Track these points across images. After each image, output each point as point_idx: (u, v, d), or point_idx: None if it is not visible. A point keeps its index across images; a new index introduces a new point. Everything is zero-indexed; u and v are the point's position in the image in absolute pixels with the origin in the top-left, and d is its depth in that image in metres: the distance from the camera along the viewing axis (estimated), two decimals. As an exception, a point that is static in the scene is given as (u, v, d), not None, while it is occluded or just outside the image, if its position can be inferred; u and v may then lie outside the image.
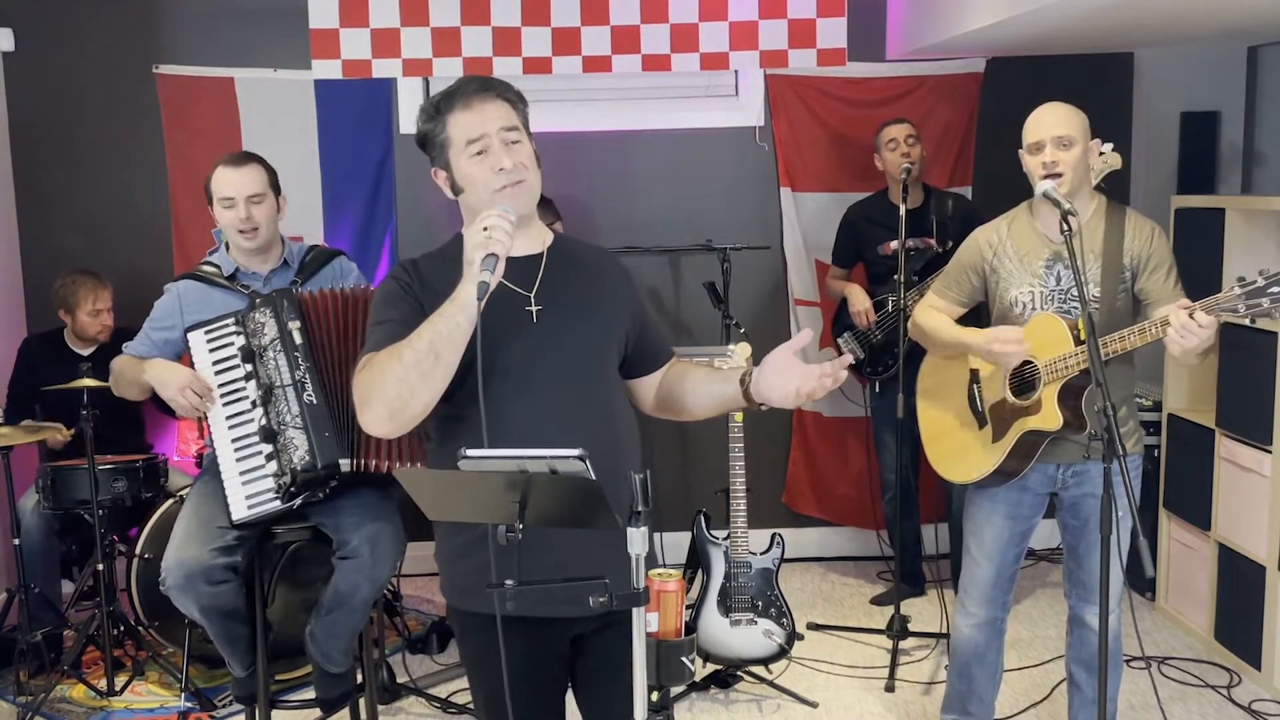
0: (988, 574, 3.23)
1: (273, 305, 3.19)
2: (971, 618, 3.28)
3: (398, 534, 3.26)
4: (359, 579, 3.20)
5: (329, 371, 3.19)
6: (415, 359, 2.04)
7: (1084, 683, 3.24)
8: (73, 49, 5.04)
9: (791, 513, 5.39)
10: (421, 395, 2.06)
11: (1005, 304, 3.12)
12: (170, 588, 3.15)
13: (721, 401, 2.29)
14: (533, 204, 2.24)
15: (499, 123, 2.18)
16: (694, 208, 5.21)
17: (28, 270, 5.11)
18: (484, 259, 2.03)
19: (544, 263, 2.27)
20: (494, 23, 4.84)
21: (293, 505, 3.19)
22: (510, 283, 2.19)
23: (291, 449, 3.13)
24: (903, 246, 4.26)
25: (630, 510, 1.91)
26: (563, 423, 2.15)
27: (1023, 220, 3.14)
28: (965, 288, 3.23)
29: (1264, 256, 4.18)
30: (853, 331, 4.73)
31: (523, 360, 2.18)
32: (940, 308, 3.27)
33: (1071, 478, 3.12)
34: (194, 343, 3.24)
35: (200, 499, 3.29)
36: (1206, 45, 5.02)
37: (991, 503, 3.20)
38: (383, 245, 5.17)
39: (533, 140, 2.27)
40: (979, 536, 3.23)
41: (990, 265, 3.15)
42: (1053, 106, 3.05)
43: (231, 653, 3.33)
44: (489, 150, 2.17)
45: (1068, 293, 3.04)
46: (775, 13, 4.92)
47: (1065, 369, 2.96)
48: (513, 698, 2.05)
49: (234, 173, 3.35)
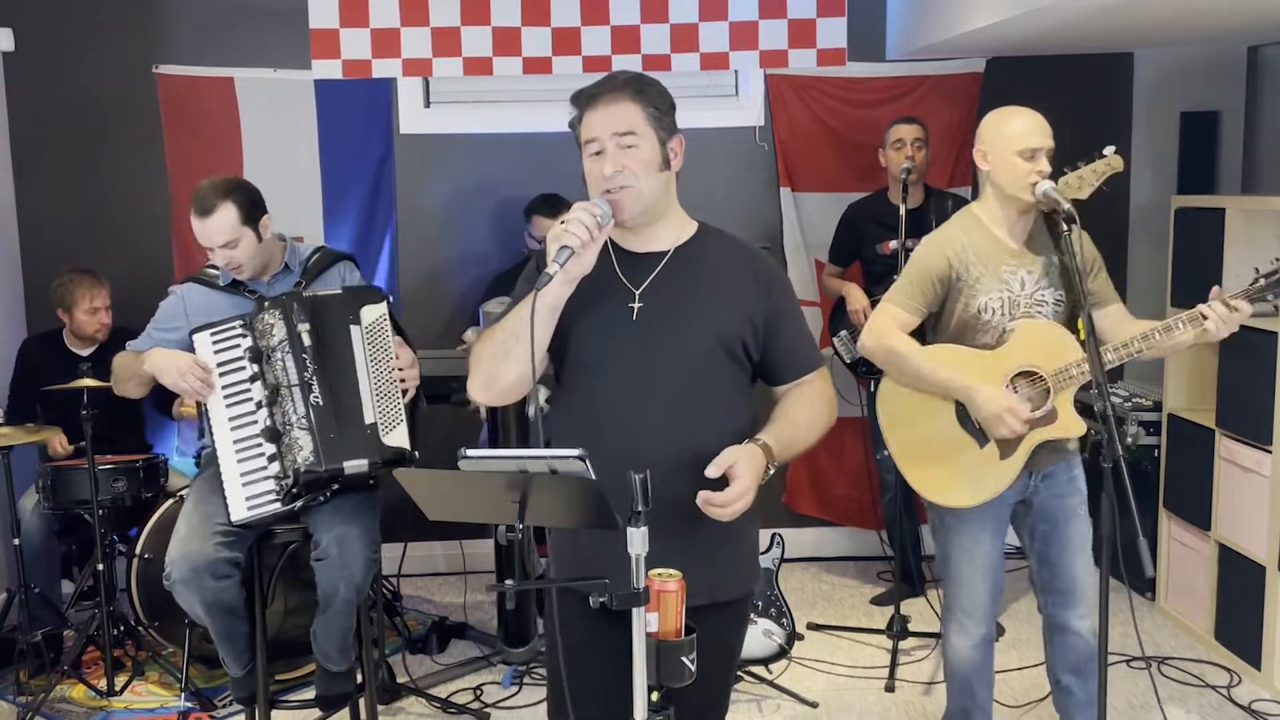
0: (984, 592, 3.16)
1: (282, 307, 3.20)
2: (971, 637, 3.21)
3: (365, 534, 3.26)
4: (334, 579, 3.22)
5: (338, 373, 3.19)
6: (502, 338, 2.18)
7: (1075, 687, 3.18)
8: (73, 49, 5.04)
9: (791, 513, 5.39)
10: (509, 372, 2.18)
11: (971, 312, 3.03)
12: (175, 582, 3.16)
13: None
14: (639, 207, 2.23)
15: (614, 127, 2.20)
16: (694, 208, 5.12)
17: (28, 270, 5.11)
18: (558, 250, 2.07)
19: (665, 260, 2.27)
20: (494, 23, 4.84)
21: (293, 508, 3.20)
22: (623, 277, 2.25)
23: (296, 449, 3.14)
24: (902, 246, 4.25)
25: (630, 510, 1.91)
26: (647, 417, 2.18)
27: (975, 227, 3.07)
28: (929, 296, 3.08)
29: (1264, 256, 4.16)
30: (849, 331, 4.72)
31: (618, 356, 2.22)
32: (902, 321, 3.08)
33: (1042, 482, 3.10)
34: (199, 344, 3.23)
35: (201, 496, 3.30)
36: (1206, 45, 5.02)
37: (980, 524, 3.11)
38: (383, 245, 5.17)
39: (672, 140, 2.26)
40: (971, 557, 3.14)
41: (956, 273, 3.04)
42: (1032, 115, 3.02)
43: (230, 651, 3.34)
44: (603, 153, 2.21)
45: (1032, 296, 3.02)
46: (775, 13, 4.92)
47: (1081, 375, 2.93)
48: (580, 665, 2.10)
49: (201, 224, 3.23)
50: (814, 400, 2.32)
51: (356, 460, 3.17)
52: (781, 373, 2.33)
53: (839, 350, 4.79)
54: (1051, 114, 3.11)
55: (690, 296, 2.24)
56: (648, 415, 2.18)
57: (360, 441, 3.19)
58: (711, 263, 2.29)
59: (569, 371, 2.28)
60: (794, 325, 2.34)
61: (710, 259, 2.30)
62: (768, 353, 2.30)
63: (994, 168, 3.02)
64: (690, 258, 2.29)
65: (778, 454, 2.18)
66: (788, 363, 2.33)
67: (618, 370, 2.21)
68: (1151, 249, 5.13)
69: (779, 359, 2.32)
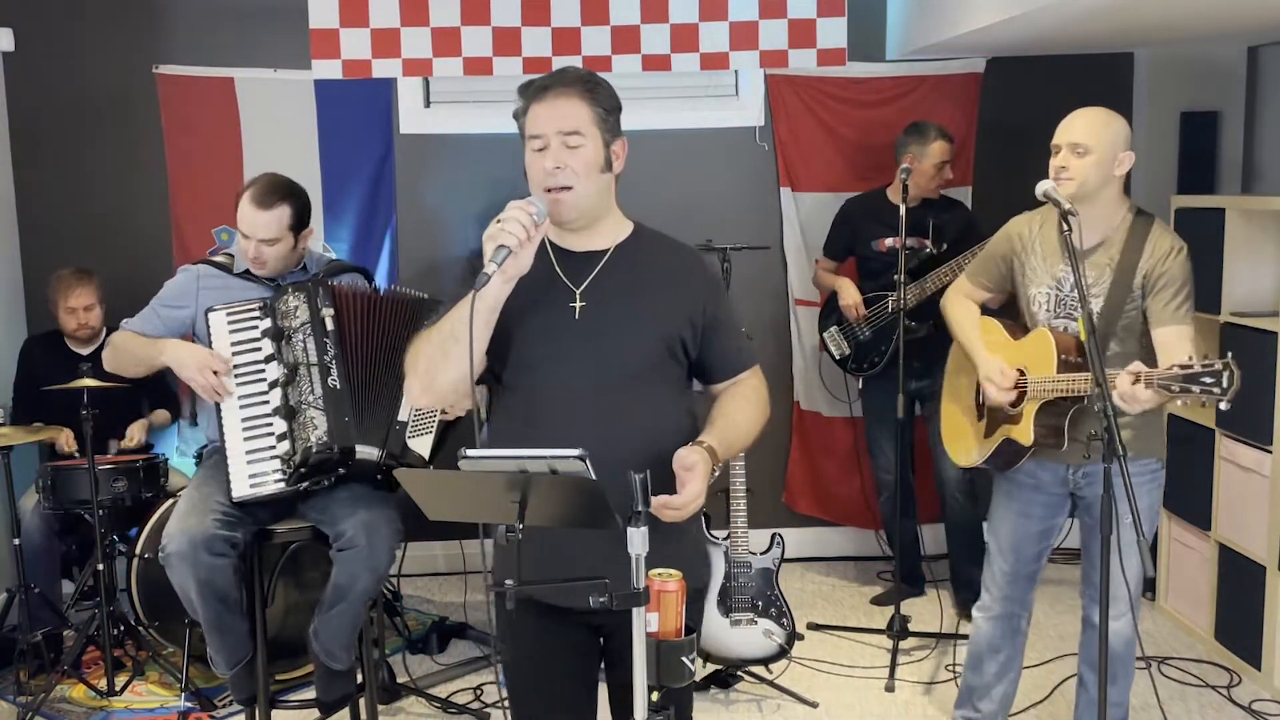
0: (1004, 569, 3.27)
1: (307, 291, 3.24)
2: (988, 610, 3.33)
3: (393, 521, 3.27)
4: (357, 569, 3.21)
5: (355, 363, 3.23)
6: (440, 339, 2.16)
7: (1091, 683, 3.22)
8: (73, 49, 5.04)
9: (791, 513, 5.39)
10: (447, 372, 2.16)
11: (1025, 297, 3.17)
12: (170, 554, 3.15)
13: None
14: (577, 210, 2.22)
15: (560, 125, 2.18)
16: (694, 208, 5.20)
17: (28, 270, 5.11)
18: (495, 250, 2.05)
19: (605, 259, 2.27)
20: (494, 23, 4.84)
21: (298, 488, 3.20)
22: (563, 276, 2.24)
23: (310, 427, 3.16)
24: (902, 246, 4.25)
25: (630, 510, 1.91)
26: (590, 418, 2.17)
27: (1052, 220, 3.12)
28: (994, 274, 3.27)
29: (1264, 256, 4.18)
30: (840, 326, 4.71)
31: (560, 354, 2.21)
32: (968, 293, 3.35)
33: (1083, 478, 3.14)
34: (214, 323, 3.25)
35: (202, 480, 3.33)
36: (1206, 45, 5.02)
37: (1006, 501, 3.25)
38: (383, 245, 5.17)
39: (615, 143, 2.25)
40: (996, 532, 3.30)
41: (1019, 258, 3.19)
42: (1086, 112, 3.05)
43: (220, 644, 3.30)
44: (546, 148, 2.20)
45: (1073, 299, 3.05)
46: (775, 13, 4.92)
47: (1046, 391, 3.00)
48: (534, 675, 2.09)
49: (254, 213, 3.29)
50: (751, 400, 2.34)
51: (369, 447, 3.18)
52: (717, 371, 2.35)
53: (829, 347, 4.77)
54: (1051, 114, 3.12)
55: (632, 295, 2.25)
56: (592, 414, 2.18)
57: (381, 433, 3.22)
58: (650, 262, 2.30)
59: (511, 372, 2.26)
60: (730, 324, 2.37)
61: (649, 258, 2.31)
62: (705, 351, 2.31)
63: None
64: (630, 257, 2.29)
65: (720, 455, 2.20)
66: (723, 361, 2.35)
67: (561, 369, 2.21)
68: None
69: (715, 357, 2.34)
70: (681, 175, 5.24)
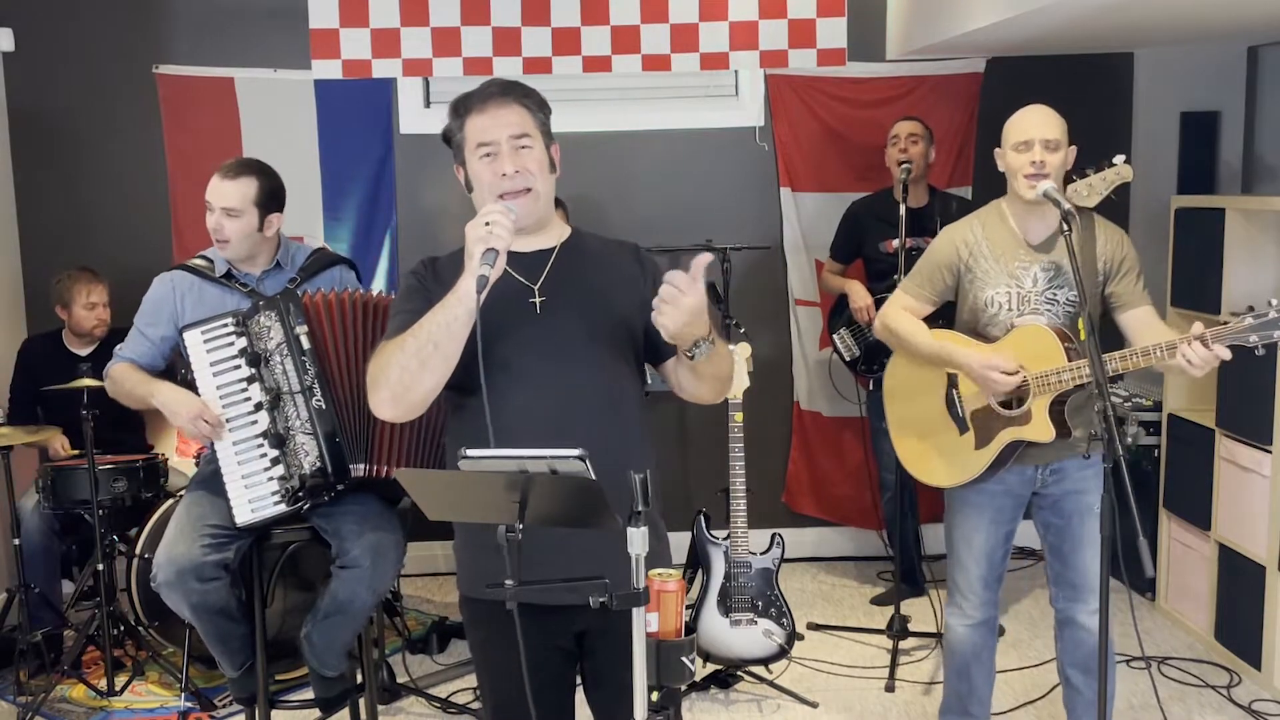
0: (979, 576, 3.24)
1: (277, 309, 3.15)
2: (968, 619, 3.29)
3: (398, 544, 3.25)
4: (359, 589, 3.19)
5: (336, 376, 3.16)
6: (416, 347, 2.12)
7: (1082, 685, 3.22)
8: (73, 49, 5.04)
9: (791, 513, 5.39)
10: (424, 382, 2.14)
11: (979, 303, 3.10)
12: (160, 584, 3.14)
13: (690, 372, 2.27)
14: (536, 211, 2.27)
15: (509, 129, 2.24)
16: (694, 208, 5.21)
17: (28, 270, 5.11)
18: (484, 253, 2.07)
19: (554, 257, 2.30)
20: (494, 23, 4.84)
21: (299, 508, 3.18)
22: (517, 275, 2.25)
23: (301, 454, 3.12)
24: (903, 246, 4.25)
25: (630, 510, 1.91)
26: (562, 414, 2.18)
27: (995, 220, 3.12)
28: (938, 286, 3.19)
29: (1264, 257, 4.18)
30: (849, 328, 4.72)
31: (525, 351, 2.21)
32: (910, 307, 3.22)
33: (1050, 475, 3.13)
34: (190, 342, 3.18)
35: (194, 499, 3.27)
36: (1206, 45, 5.02)
37: (978, 511, 3.20)
38: (382, 245, 5.17)
39: (552, 146, 2.32)
40: (968, 540, 3.23)
41: (965, 264, 3.12)
42: (1039, 108, 3.05)
43: (223, 652, 3.30)
44: (497, 154, 2.23)
45: (1043, 294, 3.04)
46: (775, 13, 4.92)
47: (1058, 383, 2.96)
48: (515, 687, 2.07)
49: (218, 183, 3.28)
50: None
51: (360, 464, 3.16)
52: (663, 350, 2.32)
53: (839, 348, 4.78)
54: (1051, 114, 3.11)
55: (588, 288, 2.28)
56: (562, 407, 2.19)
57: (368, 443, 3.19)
58: (597, 256, 2.35)
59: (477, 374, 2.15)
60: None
61: (595, 253, 2.36)
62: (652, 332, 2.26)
63: (1003, 162, 3.08)
64: (577, 252, 2.34)
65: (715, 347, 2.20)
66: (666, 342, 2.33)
67: (530, 365, 2.21)
68: (1151, 249, 5.12)
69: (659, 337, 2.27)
70: (681, 175, 5.25)
